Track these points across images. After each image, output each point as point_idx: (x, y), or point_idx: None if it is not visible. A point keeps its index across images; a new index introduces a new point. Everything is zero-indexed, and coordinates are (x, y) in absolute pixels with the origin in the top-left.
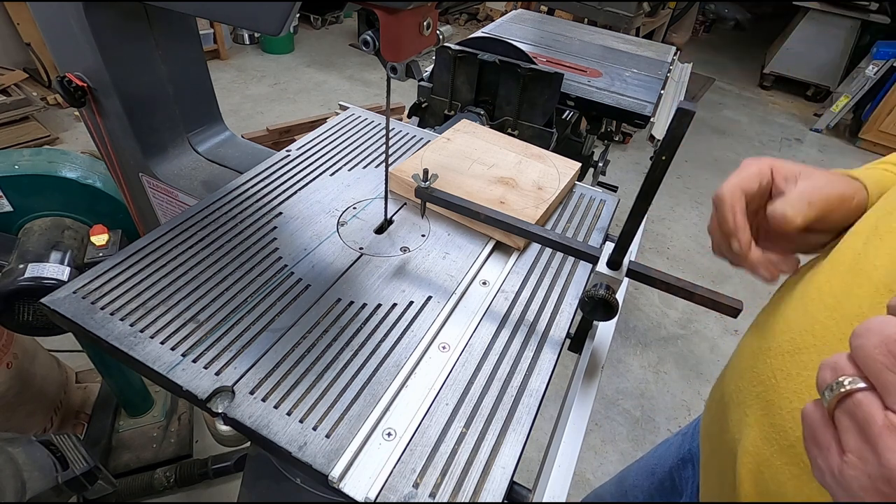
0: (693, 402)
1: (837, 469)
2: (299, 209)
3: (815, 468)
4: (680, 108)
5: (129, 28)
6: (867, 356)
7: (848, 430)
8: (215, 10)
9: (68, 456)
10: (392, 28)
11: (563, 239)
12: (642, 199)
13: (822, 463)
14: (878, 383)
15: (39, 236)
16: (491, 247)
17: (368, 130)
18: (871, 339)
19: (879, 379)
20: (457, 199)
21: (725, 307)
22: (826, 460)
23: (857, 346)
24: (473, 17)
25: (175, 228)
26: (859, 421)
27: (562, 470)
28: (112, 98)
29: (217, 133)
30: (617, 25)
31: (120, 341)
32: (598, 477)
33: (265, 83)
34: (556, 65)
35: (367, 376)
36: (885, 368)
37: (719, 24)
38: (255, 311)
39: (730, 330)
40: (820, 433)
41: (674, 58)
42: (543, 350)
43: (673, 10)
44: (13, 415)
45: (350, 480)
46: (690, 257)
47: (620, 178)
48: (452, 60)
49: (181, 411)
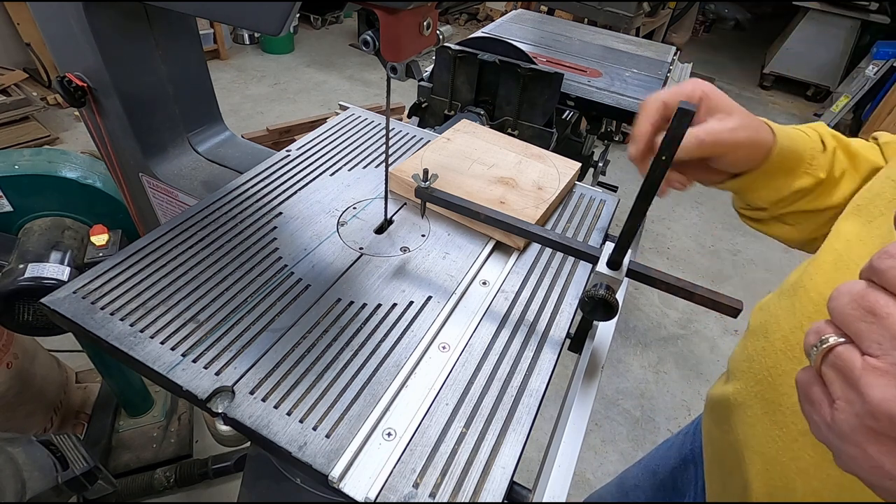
0: (693, 402)
1: (830, 417)
2: (299, 209)
3: (812, 426)
4: (680, 108)
5: (129, 28)
6: (841, 313)
7: (833, 381)
8: (215, 10)
9: (68, 456)
10: (392, 28)
11: (563, 239)
12: (642, 199)
13: (817, 417)
14: (853, 335)
15: (39, 236)
16: (491, 247)
17: (368, 130)
18: (843, 298)
19: (853, 329)
20: (457, 199)
21: (725, 307)
22: (819, 413)
23: (832, 308)
24: (473, 17)
25: (175, 228)
26: (842, 369)
27: (562, 470)
28: (112, 98)
29: (217, 133)
30: (617, 25)
31: (120, 341)
32: (598, 477)
33: (265, 83)
34: (556, 65)
35: (367, 376)
36: (857, 319)
37: (719, 24)
38: (255, 311)
39: (730, 330)
40: (811, 391)
41: (674, 58)
42: (543, 350)
43: (673, 10)
44: (13, 415)
45: (350, 480)
46: (690, 257)
47: (620, 178)
48: (452, 60)
49: (181, 411)
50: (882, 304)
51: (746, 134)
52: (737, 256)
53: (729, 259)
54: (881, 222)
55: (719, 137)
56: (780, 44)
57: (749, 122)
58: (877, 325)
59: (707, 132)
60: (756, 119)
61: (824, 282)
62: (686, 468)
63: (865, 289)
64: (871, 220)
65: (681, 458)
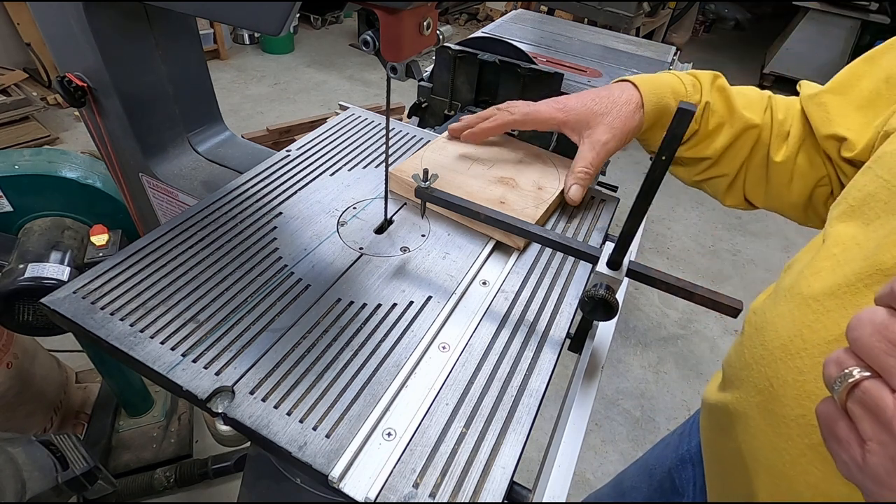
0: (693, 402)
1: (861, 458)
2: (299, 209)
3: (839, 464)
4: (680, 107)
5: (129, 28)
6: (865, 345)
7: (862, 418)
8: (215, 10)
9: (68, 456)
10: (392, 28)
11: (563, 239)
12: (642, 199)
13: (846, 456)
14: (881, 369)
15: (39, 236)
16: (491, 247)
17: (368, 130)
18: (865, 329)
19: (881, 364)
20: (457, 199)
21: (725, 307)
22: (848, 452)
23: (854, 339)
24: (473, 17)
25: (175, 228)
26: (871, 407)
27: (562, 470)
28: (112, 98)
29: (217, 133)
30: (617, 25)
31: (120, 341)
32: (598, 477)
33: (265, 83)
34: (556, 65)
35: (367, 376)
36: (884, 353)
37: (719, 24)
38: (255, 311)
39: (730, 330)
40: (837, 427)
41: (674, 58)
42: (543, 350)
43: (673, 10)
44: (13, 415)
45: (350, 480)
46: (690, 257)
47: (620, 178)
48: (452, 60)
49: (181, 411)
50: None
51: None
52: (737, 256)
53: (729, 259)
54: (878, 225)
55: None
56: (780, 44)
57: (612, 123)
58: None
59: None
60: (617, 106)
61: (822, 288)
62: (684, 468)
63: (889, 318)
64: (868, 223)
65: (678, 457)
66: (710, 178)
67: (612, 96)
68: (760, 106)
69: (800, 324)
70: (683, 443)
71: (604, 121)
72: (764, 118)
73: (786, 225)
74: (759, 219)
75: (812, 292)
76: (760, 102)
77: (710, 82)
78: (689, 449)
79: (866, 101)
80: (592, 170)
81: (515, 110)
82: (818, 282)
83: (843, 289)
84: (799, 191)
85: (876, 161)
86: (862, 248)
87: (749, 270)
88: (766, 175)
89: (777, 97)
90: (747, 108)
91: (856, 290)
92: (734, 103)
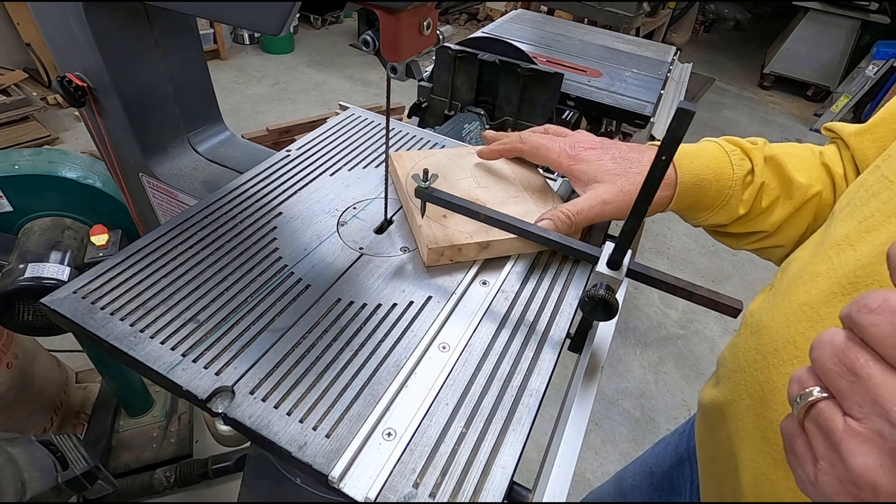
0: (693, 402)
1: (814, 476)
2: (299, 209)
3: (797, 479)
4: (680, 107)
5: (129, 28)
6: (822, 366)
7: (816, 437)
8: (215, 10)
9: (68, 456)
10: (392, 28)
11: (563, 239)
12: (642, 199)
13: (801, 472)
14: (835, 391)
15: (39, 236)
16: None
17: (368, 130)
18: (825, 350)
19: (835, 387)
20: (457, 199)
21: (725, 307)
22: (804, 469)
23: (814, 359)
24: (473, 17)
25: (175, 228)
26: (824, 428)
27: (562, 470)
28: (112, 98)
29: (217, 133)
30: (617, 25)
31: (120, 341)
32: (598, 477)
33: (265, 83)
34: (556, 65)
35: (367, 376)
36: (839, 376)
37: (719, 24)
38: (255, 311)
39: (730, 330)
40: (795, 444)
41: (674, 58)
42: (543, 350)
43: (673, 10)
44: (13, 415)
45: (350, 480)
46: (690, 257)
47: None
48: (452, 60)
49: (181, 411)
50: (862, 363)
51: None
52: (737, 256)
53: (729, 259)
54: (874, 226)
55: (589, 216)
56: (780, 44)
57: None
58: (857, 386)
59: (570, 215)
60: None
61: (817, 294)
62: (681, 467)
63: (846, 342)
64: (865, 222)
65: (676, 457)
66: (763, 248)
67: (641, 161)
68: (815, 163)
69: (794, 330)
70: (682, 442)
71: (615, 181)
72: (822, 178)
73: None
74: None
75: (808, 299)
76: (813, 160)
77: (762, 154)
78: (688, 448)
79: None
80: (574, 218)
81: (528, 141)
82: (814, 287)
83: (837, 297)
84: None
85: (885, 160)
86: (856, 251)
87: (749, 270)
88: None
89: (824, 150)
90: (801, 171)
91: (848, 299)
92: (788, 172)
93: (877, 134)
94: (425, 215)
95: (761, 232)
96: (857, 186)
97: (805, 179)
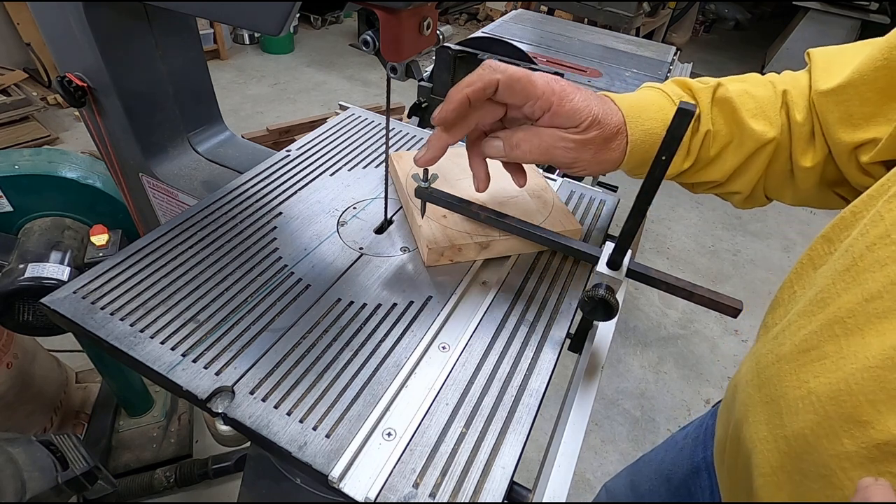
0: (693, 402)
1: None
2: (299, 209)
3: None
4: (680, 108)
5: (129, 28)
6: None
7: None
8: (215, 10)
9: (68, 456)
10: (392, 28)
11: (563, 239)
12: (642, 198)
13: None
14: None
15: (39, 236)
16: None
17: (368, 130)
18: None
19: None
20: (457, 199)
21: (725, 307)
22: None
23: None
24: (473, 17)
25: (175, 228)
26: None
27: (562, 470)
28: (112, 98)
29: (217, 133)
30: (617, 25)
31: (120, 341)
32: (598, 477)
33: (265, 83)
34: (556, 65)
35: (367, 376)
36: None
37: (719, 24)
38: (255, 311)
39: (730, 330)
40: None
41: (674, 58)
42: (543, 350)
43: (673, 10)
44: (13, 415)
45: (350, 480)
46: (690, 257)
47: (620, 178)
48: (452, 60)
49: (181, 411)
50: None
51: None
52: (737, 256)
53: (729, 259)
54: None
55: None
56: (780, 44)
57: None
58: None
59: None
60: (607, 128)
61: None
62: (698, 476)
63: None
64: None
65: (692, 466)
66: (720, 194)
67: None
68: (773, 107)
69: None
70: (699, 451)
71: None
72: (781, 123)
73: (786, 225)
74: (760, 219)
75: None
76: (773, 102)
77: (710, 97)
78: (705, 457)
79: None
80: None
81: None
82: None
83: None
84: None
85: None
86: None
87: (749, 270)
88: (792, 180)
89: (789, 86)
90: (758, 117)
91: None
92: (741, 116)
93: (842, 97)
94: (425, 215)
95: (713, 182)
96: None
97: (760, 126)
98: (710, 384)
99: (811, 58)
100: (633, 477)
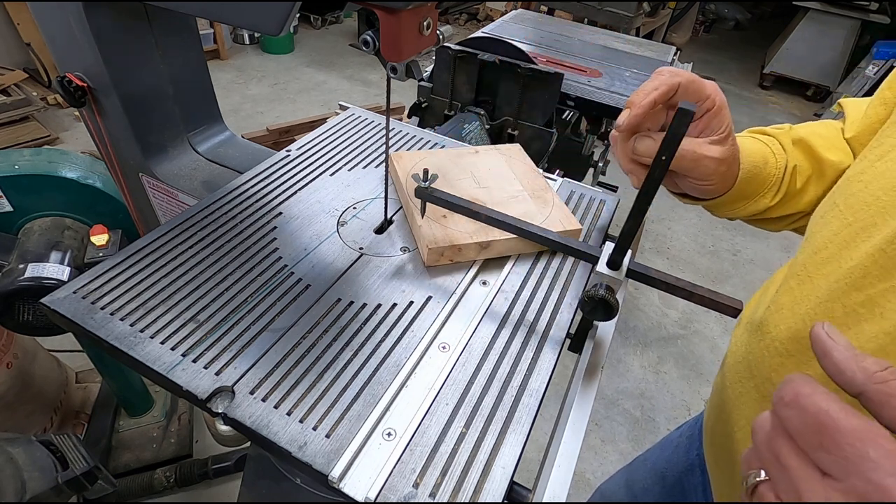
0: (693, 401)
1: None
2: (299, 209)
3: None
4: (680, 107)
5: (129, 28)
6: (758, 451)
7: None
8: (215, 10)
9: (68, 456)
10: (392, 28)
11: (563, 239)
12: (642, 198)
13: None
14: (769, 475)
15: (39, 236)
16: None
17: (368, 130)
18: (759, 435)
19: (768, 471)
20: (457, 199)
21: (725, 307)
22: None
23: (753, 443)
24: (473, 17)
25: (175, 228)
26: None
27: (562, 470)
28: (112, 98)
29: (217, 133)
30: (617, 25)
31: (120, 341)
32: (598, 477)
33: (265, 83)
34: (556, 65)
35: (367, 376)
36: (769, 463)
37: (719, 24)
38: (255, 311)
39: (730, 330)
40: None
41: (674, 58)
42: (543, 350)
43: (673, 10)
44: (13, 415)
45: (350, 480)
46: (690, 257)
47: (620, 178)
48: (452, 60)
49: (181, 411)
50: (784, 453)
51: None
52: (737, 256)
53: (729, 259)
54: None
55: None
56: (780, 44)
57: (733, 151)
58: (782, 475)
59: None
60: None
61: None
62: (692, 473)
63: (773, 430)
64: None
65: (687, 463)
66: (802, 227)
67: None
68: (837, 138)
69: (804, 316)
70: (693, 448)
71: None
72: (848, 151)
73: None
74: None
75: (778, 334)
76: (836, 135)
77: (788, 139)
78: (699, 454)
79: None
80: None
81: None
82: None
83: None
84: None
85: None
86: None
87: (749, 270)
88: None
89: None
90: (830, 150)
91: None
92: (817, 151)
93: (860, 143)
94: (425, 215)
95: (797, 213)
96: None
97: (835, 157)
98: (710, 384)
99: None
100: (629, 476)
